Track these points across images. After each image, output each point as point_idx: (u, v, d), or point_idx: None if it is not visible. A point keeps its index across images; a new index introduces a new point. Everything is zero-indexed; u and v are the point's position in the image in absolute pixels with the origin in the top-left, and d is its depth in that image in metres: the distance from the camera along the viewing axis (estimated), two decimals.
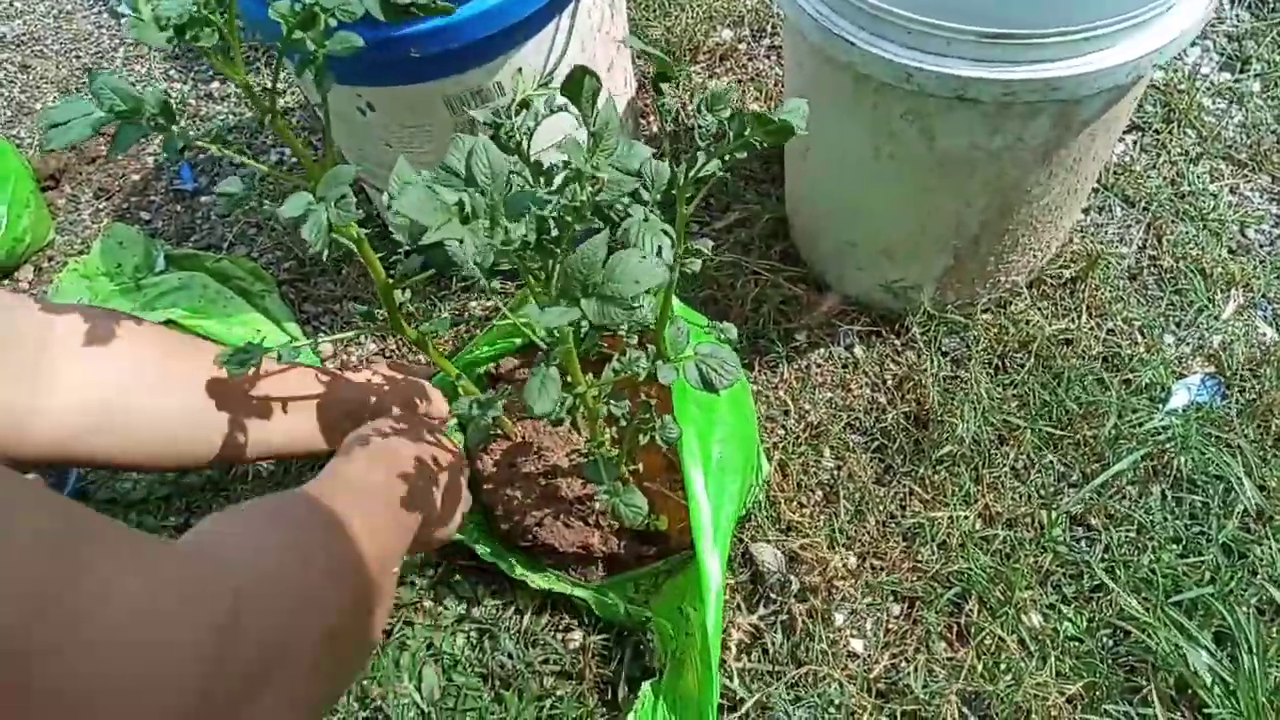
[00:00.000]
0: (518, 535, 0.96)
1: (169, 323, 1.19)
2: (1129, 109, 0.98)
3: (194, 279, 1.27)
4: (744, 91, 1.45)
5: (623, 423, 0.81)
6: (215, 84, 1.62)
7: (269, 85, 0.64)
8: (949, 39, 0.82)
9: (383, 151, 1.05)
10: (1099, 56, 0.82)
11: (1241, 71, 1.40)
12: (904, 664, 0.94)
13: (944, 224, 1.03)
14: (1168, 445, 1.03)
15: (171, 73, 1.65)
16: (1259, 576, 0.94)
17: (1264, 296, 1.17)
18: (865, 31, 0.87)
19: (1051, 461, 1.04)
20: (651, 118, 1.45)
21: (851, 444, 1.09)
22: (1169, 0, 0.81)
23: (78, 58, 1.71)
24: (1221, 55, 1.42)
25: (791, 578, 0.99)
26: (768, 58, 1.50)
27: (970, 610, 0.96)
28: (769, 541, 1.01)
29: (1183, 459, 1.02)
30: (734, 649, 0.96)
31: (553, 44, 0.98)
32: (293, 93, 1.57)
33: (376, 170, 1.11)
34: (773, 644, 0.96)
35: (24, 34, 1.76)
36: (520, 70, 0.96)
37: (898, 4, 0.83)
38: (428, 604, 1.00)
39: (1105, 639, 0.94)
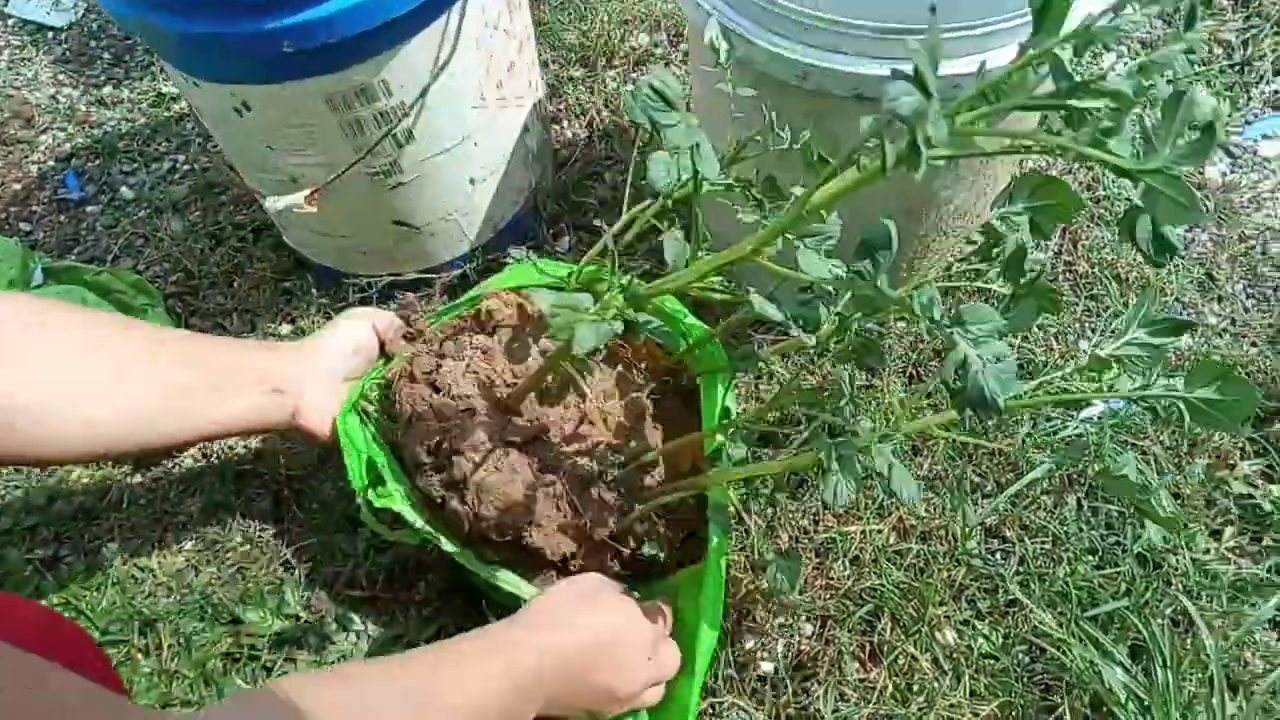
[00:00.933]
0: (491, 528, 0.78)
1: None
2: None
3: (72, 293, 1.19)
4: None
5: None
6: (108, 89, 1.54)
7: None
8: (845, 35, 0.79)
9: (264, 154, 0.99)
10: (1001, 53, 0.79)
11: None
12: (815, 686, 0.89)
13: (852, 231, 0.99)
14: (1082, 454, 1.00)
15: (61, 76, 1.57)
16: (1173, 586, 0.92)
17: (1178, 300, 1.16)
18: (762, 28, 0.83)
19: (965, 472, 1.01)
20: (565, 123, 1.40)
21: (765, 458, 1.04)
22: None
23: None
24: (1135, 61, 1.42)
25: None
26: (684, 62, 1.46)
27: (883, 628, 0.92)
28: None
29: (1097, 467, 0.99)
30: None
31: (442, 40, 0.93)
32: None
33: (261, 175, 1.04)
34: None
35: None
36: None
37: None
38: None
39: (1021, 655, 0.91)
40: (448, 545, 0.79)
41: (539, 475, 0.78)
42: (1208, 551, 0.95)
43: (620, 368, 0.88)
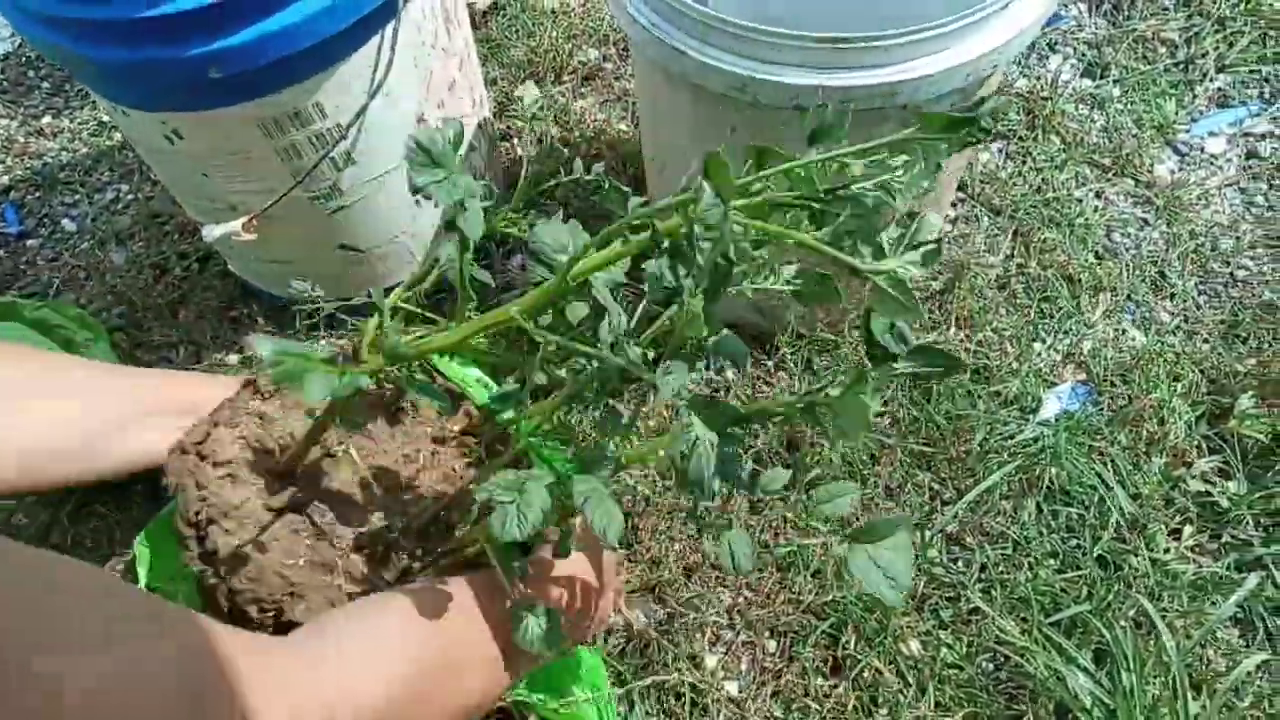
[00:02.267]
0: (248, 603, 0.65)
1: None
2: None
3: (9, 330, 1.15)
4: (609, 112, 1.40)
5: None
6: (47, 119, 1.51)
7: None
8: (780, 45, 0.78)
9: (200, 182, 0.97)
10: (936, 59, 0.79)
11: (1101, 77, 1.41)
12: (778, 705, 0.88)
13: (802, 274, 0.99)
14: (1039, 457, 1.00)
15: None
16: (1134, 588, 0.91)
17: (1130, 299, 1.16)
18: (698, 41, 0.82)
19: (924, 479, 1.01)
20: (515, 140, 1.39)
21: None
22: None
23: None
24: (1082, 62, 1.43)
25: (663, 631, 0.93)
26: (633, 76, 1.46)
27: (846, 641, 0.91)
28: (636, 593, 0.94)
29: (1055, 470, 0.99)
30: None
31: (377, 61, 0.91)
32: None
33: (199, 203, 1.02)
34: (646, 703, 0.89)
35: None
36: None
37: (727, 11, 0.79)
38: None
39: (985, 664, 0.90)
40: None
41: (313, 543, 0.67)
42: (1168, 551, 0.95)
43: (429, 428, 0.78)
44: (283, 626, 0.65)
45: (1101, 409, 1.06)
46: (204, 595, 0.69)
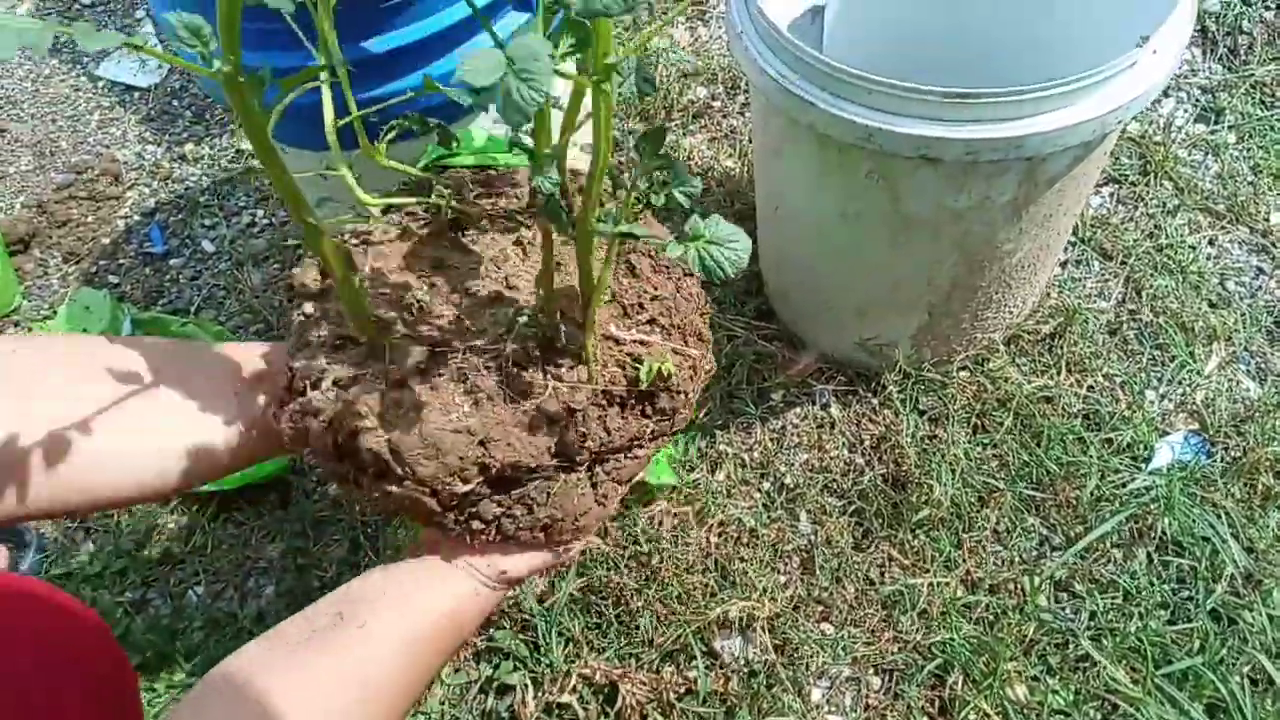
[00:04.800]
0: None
1: None
2: (1100, 164, 0.97)
3: None
4: (717, 149, 1.44)
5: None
6: (189, 145, 1.62)
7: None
8: (906, 98, 0.81)
9: None
10: (1063, 114, 0.80)
11: (1216, 123, 1.39)
12: None
13: (915, 282, 1.01)
14: (1151, 506, 1.00)
15: (146, 134, 1.65)
16: (1250, 644, 0.91)
17: (1246, 350, 1.15)
18: (826, 93, 0.85)
19: (1033, 524, 1.01)
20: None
21: (828, 507, 1.05)
22: (1132, 58, 0.80)
23: (53, 121, 1.70)
24: (1196, 107, 1.42)
25: (754, 654, 0.95)
26: (741, 114, 1.50)
27: (954, 683, 0.92)
28: (731, 627, 0.97)
29: (1167, 520, 0.99)
30: None
31: None
32: None
33: None
34: None
35: (1, 98, 1.76)
36: None
37: (857, 65, 0.83)
38: None
39: (1092, 712, 0.90)
40: None
41: (459, 387, 0.58)
42: None
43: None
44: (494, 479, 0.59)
45: (1215, 460, 1.05)
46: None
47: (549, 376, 0.59)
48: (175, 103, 1.71)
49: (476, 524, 0.61)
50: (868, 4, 1.10)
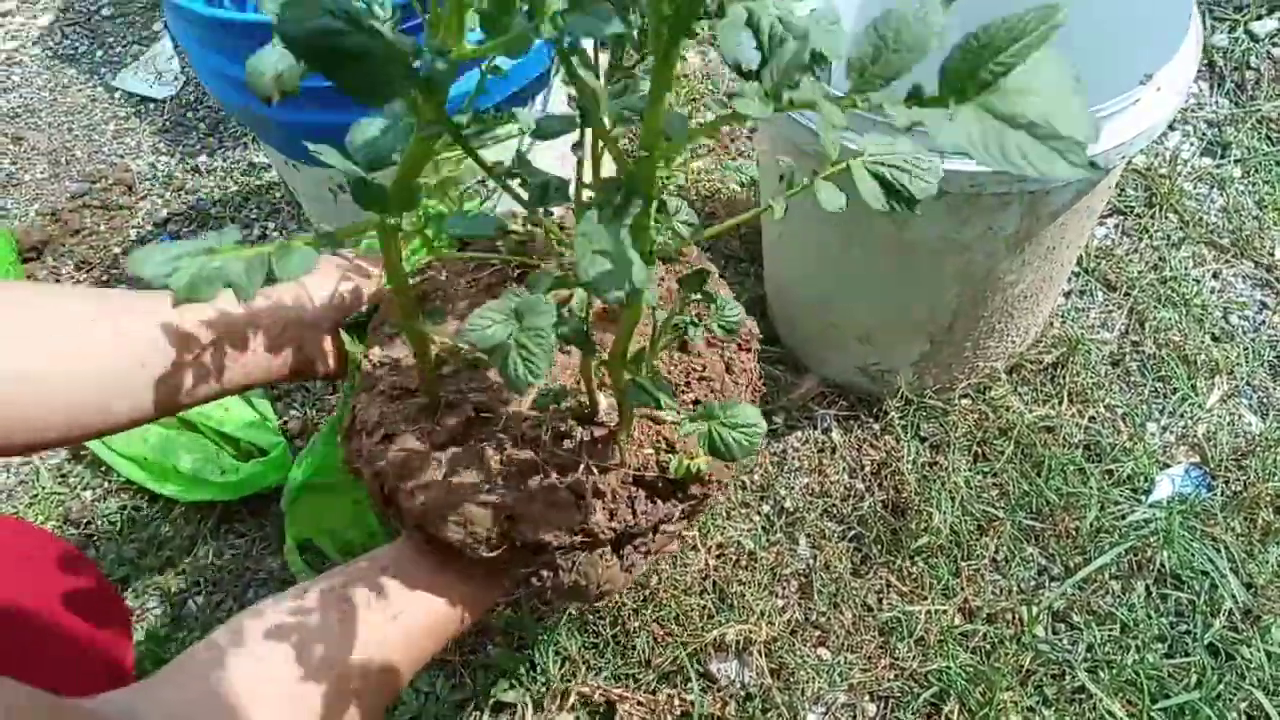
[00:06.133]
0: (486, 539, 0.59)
1: None
2: (1104, 196, 0.97)
3: None
4: (724, 173, 1.45)
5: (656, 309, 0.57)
6: (203, 157, 1.63)
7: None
8: (912, 130, 0.81)
9: None
10: None
11: (1222, 157, 1.40)
12: None
13: (918, 311, 1.02)
14: (1151, 539, 1.00)
15: (160, 145, 1.67)
16: (1247, 680, 0.90)
17: (1248, 384, 1.15)
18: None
19: (1032, 554, 1.01)
20: None
21: (828, 532, 1.06)
22: (1134, 94, 0.81)
23: (70, 130, 1.72)
24: (1202, 140, 1.43)
25: (750, 678, 0.95)
26: (749, 138, 1.51)
27: (949, 712, 0.92)
28: (727, 649, 0.97)
29: (1166, 554, 0.99)
30: None
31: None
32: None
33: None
34: None
35: (20, 106, 1.78)
36: None
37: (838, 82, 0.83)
38: None
39: None
40: None
41: (492, 457, 0.60)
42: None
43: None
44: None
45: (1215, 494, 1.05)
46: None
47: (583, 452, 0.60)
48: (190, 115, 1.73)
49: (505, 581, 0.64)
50: None
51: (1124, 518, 1.02)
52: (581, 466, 0.60)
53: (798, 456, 1.13)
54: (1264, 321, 1.22)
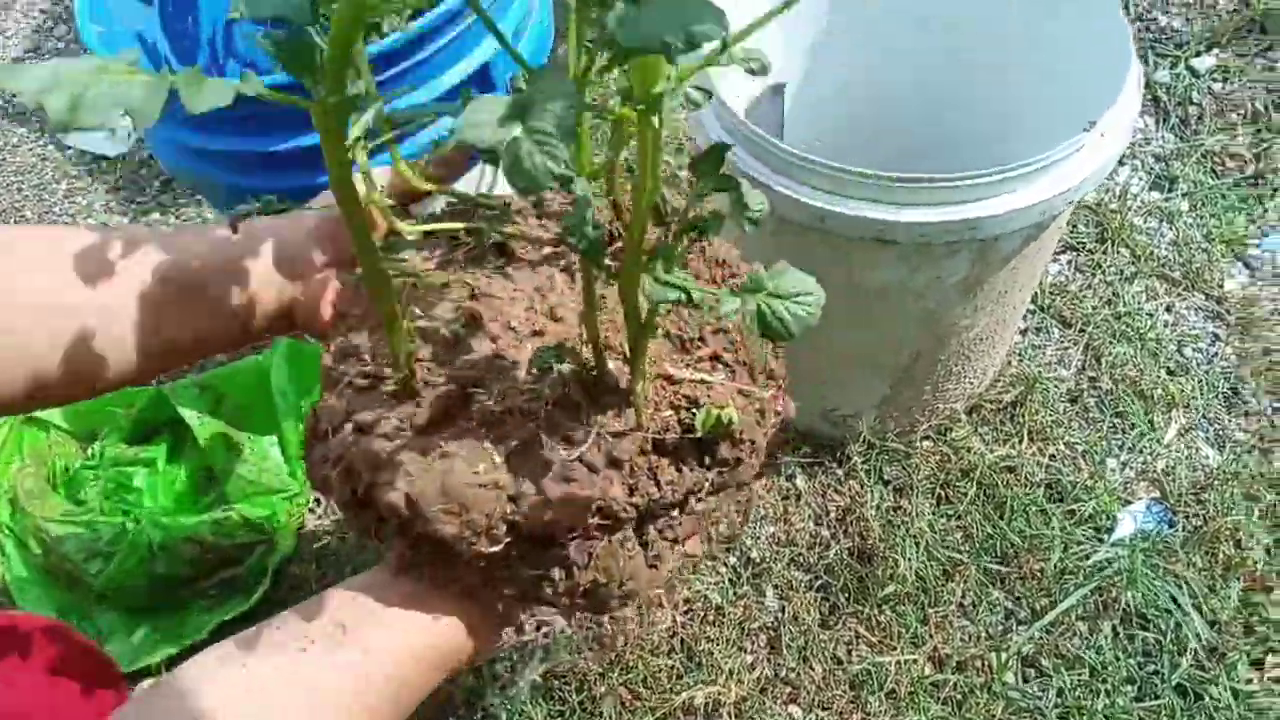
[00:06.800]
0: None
1: None
2: (1053, 240, 0.98)
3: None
4: None
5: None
6: (155, 215, 1.61)
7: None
8: (859, 182, 0.82)
9: None
10: (1012, 198, 0.82)
11: (1170, 191, 1.43)
12: None
13: (876, 356, 1.02)
14: (1115, 579, 1.00)
15: (113, 204, 1.65)
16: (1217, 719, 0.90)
17: (1204, 417, 1.16)
18: (780, 175, 0.87)
19: (998, 598, 1.01)
20: None
21: (795, 582, 1.05)
22: (1079, 142, 0.82)
23: (19, 190, 1.70)
24: (1150, 175, 1.45)
25: None
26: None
27: None
28: (696, 713, 0.96)
29: (1130, 593, 0.99)
30: None
31: (480, 178, 0.98)
32: None
33: None
34: None
35: None
36: None
37: (809, 149, 0.84)
38: None
39: None
40: None
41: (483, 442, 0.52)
42: (1249, 681, 0.93)
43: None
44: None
45: (1177, 529, 1.05)
46: None
47: (593, 421, 0.51)
48: (144, 171, 1.71)
49: (509, 590, 0.54)
50: (824, 72, 1.12)
51: (1088, 558, 1.02)
52: (592, 435, 0.51)
53: (763, 505, 1.12)
54: (1216, 354, 1.23)
